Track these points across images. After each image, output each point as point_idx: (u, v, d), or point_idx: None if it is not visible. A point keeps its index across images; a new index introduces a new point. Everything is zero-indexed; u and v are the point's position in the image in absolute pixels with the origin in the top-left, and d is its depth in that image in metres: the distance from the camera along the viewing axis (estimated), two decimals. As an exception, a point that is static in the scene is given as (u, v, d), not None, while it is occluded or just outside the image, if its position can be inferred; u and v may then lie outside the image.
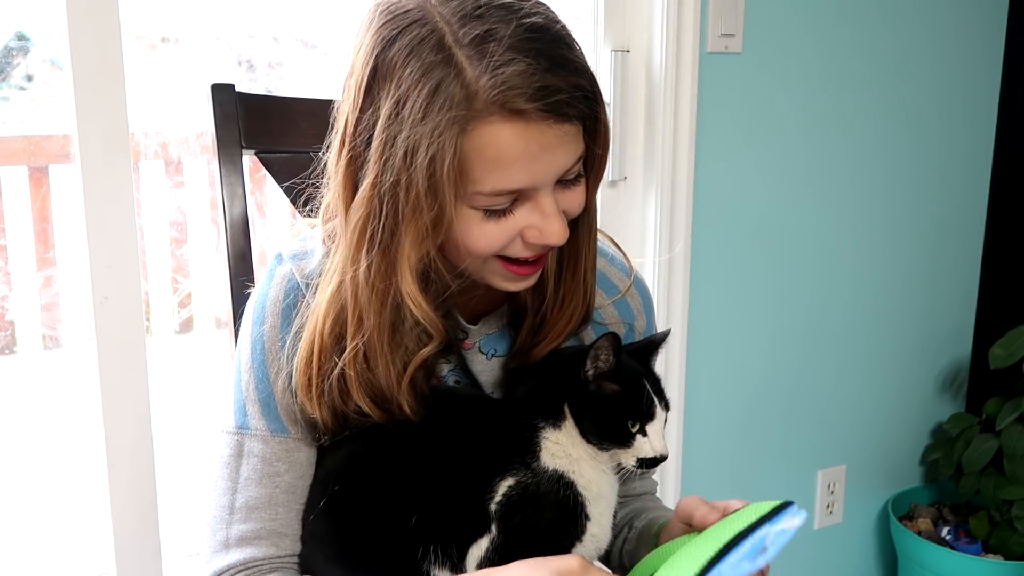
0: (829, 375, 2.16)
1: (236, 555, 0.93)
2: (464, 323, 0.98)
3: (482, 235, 0.84)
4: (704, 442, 1.97)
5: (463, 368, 1.00)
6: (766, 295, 2.02)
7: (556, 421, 0.93)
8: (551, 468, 0.92)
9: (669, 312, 1.86)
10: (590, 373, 0.93)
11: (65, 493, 2.65)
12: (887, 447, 2.31)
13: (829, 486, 2.21)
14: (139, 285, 1.46)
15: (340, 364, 0.88)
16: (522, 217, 0.84)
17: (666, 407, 0.96)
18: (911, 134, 2.13)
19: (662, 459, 0.93)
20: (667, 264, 1.84)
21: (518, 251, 0.87)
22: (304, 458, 0.95)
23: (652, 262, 1.84)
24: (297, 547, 0.96)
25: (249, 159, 1.30)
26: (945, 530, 2.19)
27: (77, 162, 1.36)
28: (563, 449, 0.93)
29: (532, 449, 0.92)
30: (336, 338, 0.88)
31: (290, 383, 0.92)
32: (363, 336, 0.87)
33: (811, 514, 2.21)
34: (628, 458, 0.94)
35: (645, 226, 1.84)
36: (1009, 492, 2.04)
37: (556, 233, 0.85)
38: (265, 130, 1.27)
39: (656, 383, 0.97)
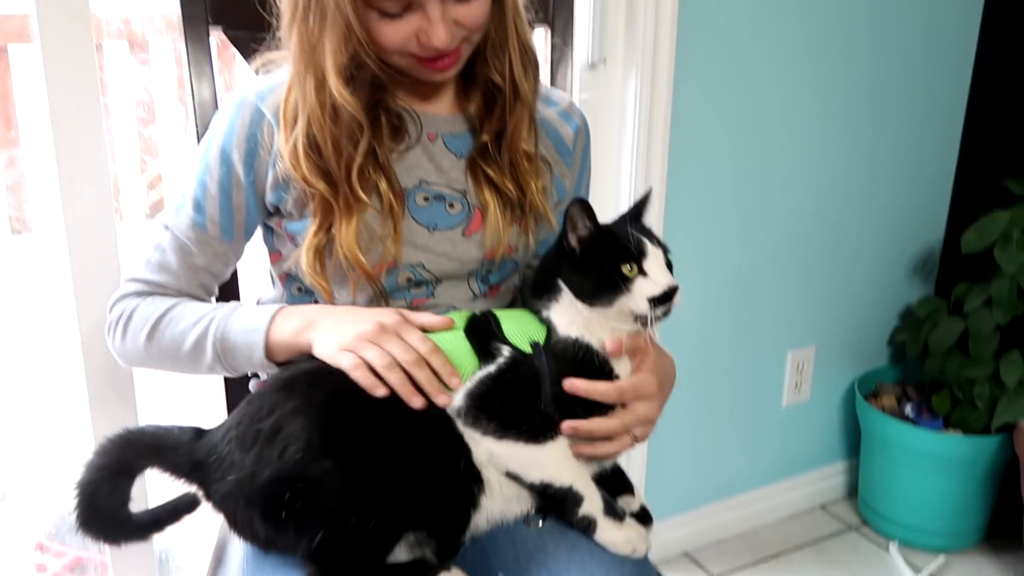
0: (802, 258, 2.17)
1: (143, 283, 1.13)
2: (412, 108, 1.12)
3: (380, 34, 1.00)
4: (678, 324, 1.99)
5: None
6: (741, 180, 2.01)
7: (554, 295, 1.02)
8: (567, 335, 1.01)
9: (648, 182, 1.85)
10: (573, 242, 1.01)
11: (38, 380, 2.66)
12: (856, 329, 2.35)
13: (798, 366, 2.26)
14: (106, 165, 1.43)
15: (293, 136, 1.04)
16: (413, 22, 1.00)
17: (660, 245, 1.00)
18: (893, 13, 2.09)
19: (673, 290, 0.98)
20: (645, 149, 1.82)
21: (415, 49, 1.02)
22: (220, 250, 1.12)
23: (631, 146, 1.82)
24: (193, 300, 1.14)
25: (216, 37, 1.26)
26: (908, 407, 2.25)
27: (37, 42, 1.31)
28: (569, 318, 1.01)
29: (548, 328, 1.02)
30: (295, 115, 1.04)
31: (248, 185, 1.09)
32: (308, 111, 1.03)
33: (780, 393, 2.27)
34: (638, 304, 0.98)
35: (624, 110, 1.81)
36: (972, 371, 2.10)
37: (440, 39, 1.00)
38: (233, 6, 1.22)
39: (644, 230, 1.02)
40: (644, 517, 1.15)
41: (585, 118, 1.25)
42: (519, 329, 1.02)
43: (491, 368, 0.98)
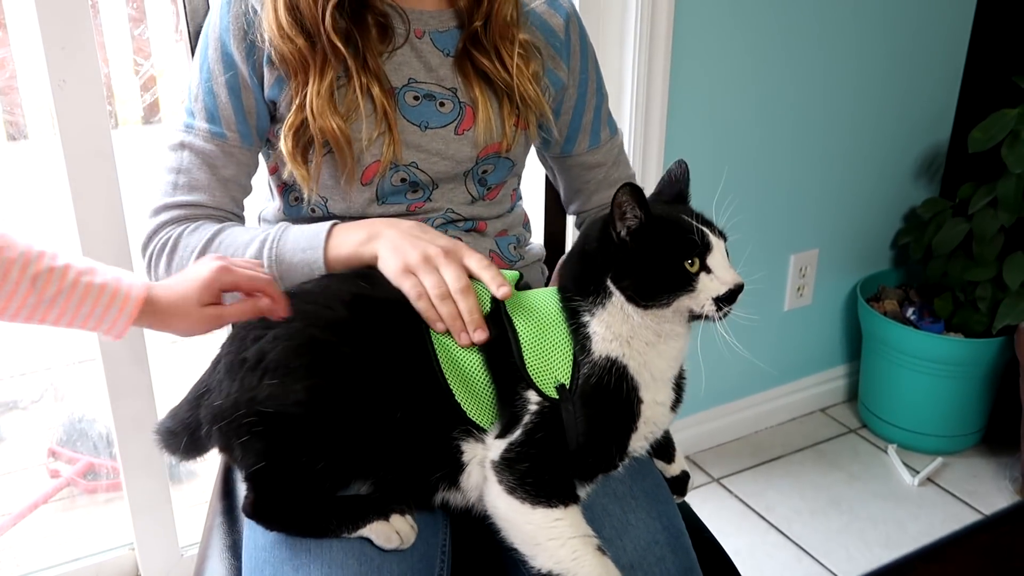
0: (805, 159, 2.15)
1: (176, 208, 1.08)
2: (398, 5, 1.10)
3: None
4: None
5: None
6: (745, 80, 1.97)
7: (600, 298, 0.90)
8: (602, 354, 0.89)
9: (650, 85, 1.82)
10: (623, 233, 0.88)
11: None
12: (860, 232, 2.34)
13: (801, 269, 2.25)
14: (97, 66, 1.41)
15: None
16: None
17: (721, 235, 0.90)
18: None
19: (739, 288, 0.88)
20: (648, 43, 1.78)
21: None
22: (243, 159, 1.10)
23: (632, 44, 1.78)
24: (228, 216, 1.11)
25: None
26: (910, 311, 2.26)
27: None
28: (615, 330, 0.90)
29: (574, 360, 0.90)
30: None
31: (241, 79, 1.07)
32: None
33: (782, 297, 2.27)
34: (701, 303, 0.88)
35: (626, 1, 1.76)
36: (975, 273, 2.09)
37: None
38: None
39: (700, 216, 0.91)
40: (679, 485, 1.10)
41: (574, 6, 1.22)
42: (544, 360, 0.90)
43: (517, 433, 0.89)
